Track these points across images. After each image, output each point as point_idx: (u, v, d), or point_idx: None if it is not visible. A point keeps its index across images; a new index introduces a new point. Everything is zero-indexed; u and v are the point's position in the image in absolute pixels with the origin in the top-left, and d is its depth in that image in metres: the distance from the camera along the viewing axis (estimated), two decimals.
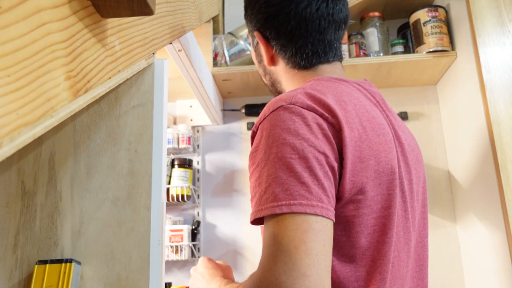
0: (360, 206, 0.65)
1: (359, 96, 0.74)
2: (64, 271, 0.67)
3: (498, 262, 1.23)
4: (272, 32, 0.82)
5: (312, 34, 0.79)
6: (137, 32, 0.66)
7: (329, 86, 0.72)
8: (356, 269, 0.65)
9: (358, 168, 0.65)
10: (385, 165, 0.68)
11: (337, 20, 0.81)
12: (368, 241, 0.66)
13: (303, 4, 0.78)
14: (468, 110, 1.39)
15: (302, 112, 0.64)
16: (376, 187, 0.67)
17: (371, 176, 0.66)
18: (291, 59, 0.82)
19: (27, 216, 0.73)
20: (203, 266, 0.86)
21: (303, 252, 0.54)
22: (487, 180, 1.26)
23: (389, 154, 0.69)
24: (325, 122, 0.64)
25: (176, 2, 0.89)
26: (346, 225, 0.65)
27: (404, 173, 0.74)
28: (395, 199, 0.68)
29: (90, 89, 0.49)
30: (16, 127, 0.34)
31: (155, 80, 0.78)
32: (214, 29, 1.65)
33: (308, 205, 0.57)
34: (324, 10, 0.79)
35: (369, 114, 0.71)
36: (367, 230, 0.66)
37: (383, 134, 0.70)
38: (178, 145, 1.64)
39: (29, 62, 0.36)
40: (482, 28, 1.29)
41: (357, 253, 0.66)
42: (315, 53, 0.81)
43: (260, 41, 0.84)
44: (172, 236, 1.54)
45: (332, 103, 0.66)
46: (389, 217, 0.67)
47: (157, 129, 0.75)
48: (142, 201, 0.72)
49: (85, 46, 0.47)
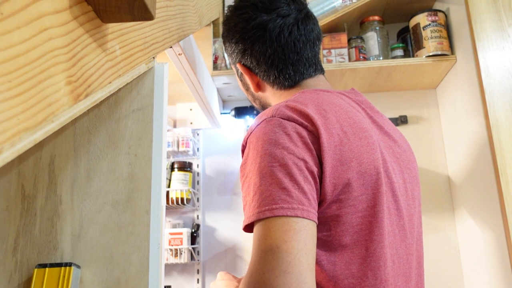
0: (343, 205, 0.68)
1: (341, 103, 0.77)
2: (64, 275, 0.67)
3: (497, 265, 1.23)
4: (253, 62, 0.87)
5: (290, 56, 0.85)
6: (138, 36, 0.66)
7: (311, 97, 0.76)
8: (348, 266, 0.67)
9: (339, 170, 0.68)
10: (367, 166, 0.71)
11: (310, 38, 0.86)
12: (354, 239, 0.68)
13: (275, 32, 0.84)
14: (468, 114, 1.39)
15: (283, 123, 0.68)
16: (360, 187, 0.69)
17: (354, 177, 0.69)
18: (275, 81, 0.87)
19: (27, 219, 0.73)
20: (220, 279, 0.89)
21: (284, 250, 0.57)
22: (487, 184, 1.26)
23: (372, 156, 0.72)
24: (304, 130, 0.68)
25: (177, 6, 0.90)
26: (330, 225, 0.68)
27: (397, 173, 0.77)
28: (381, 198, 0.71)
29: (91, 93, 0.49)
30: (17, 132, 0.35)
31: (155, 84, 0.78)
32: (214, 32, 1.66)
33: (288, 208, 0.60)
34: (296, 33, 0.84)
35: (350, 119, 0.74)
36: (352, 228, 0.68)
37: (365, 137, 0.73)
38: (178, 148, 1.64)
39: (30, 68, 0.37)
40: (481, 32, 1.30)
41: (346, 251, 0.68)
42: (297, 72, 0.86)
43: (244, 72, 0.90)
44: (172, 239, 1.54)
45: (312, 112, 0.70)
46: (376, 215, 0.69)
47: (157, 133, 0.76)
48: (141, 204, 0.72)
49: (86, 51, 0.48)
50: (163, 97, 0.78)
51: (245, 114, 1.67)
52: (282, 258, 0.57)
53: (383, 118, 0.85)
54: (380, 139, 0.78)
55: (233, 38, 0.89)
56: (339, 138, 0.70)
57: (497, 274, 1.23)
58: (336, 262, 0.67)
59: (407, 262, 0.75)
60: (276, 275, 0.56)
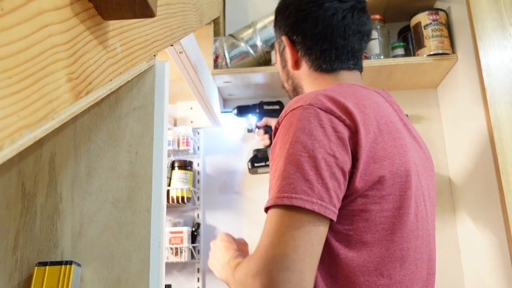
0: (369, 202, 0.68)
1: (379, 101, 0.78)
2: (64, 273, 0.67)
3: (498, 265, 1.23)
4: (300, 36, 0.87)
5: (337, 40, 0.85)
6: (138, 34, 0.66)
7: (349, 90, 0.76)
8: (366, 263, 0.67)
9: (371, 168, 0.67)
10: (399, 167, 0.71)
11: (361, 30, 0.87)
12: (375, 238, 0.68)
13: (330, 11, 0.84)
14: (469, 113, 1.39)
15: (319, 114, 0.67)
16: (389, 187, 0.69)
17: (385, 175, 0.69)
18: (314, 62, 0.87)
19: (27, 217, 0.73)
20: (220, 240, 0.93)
21: (291, 247, 0.59)
22: (488, 183, 1.26)
23: (404, 158, 0.72)
24: (341, 124, 0.67)
25: (177, 4, 0.89)
26: (353, 219, 0.68)
27: (423, 178, 0.77)
28: (408, 201, 0.70)
29: (91, 91, 0.49)
30: (17, 129, 0.34)
31: (156, 82, 0.78)
32: (214, 31, 1.66)
33: (308, 200, 0.61)
34: (349, 20, 0.85)
35: (387, 118, 0.74)
36: (375, 226, 0.68)
37: (399, 138, 0.73)
38: (179, 147, 1.64)
39: (31, 64, 0.36)
40: (482, 31, 1.29)
41: (365, 248, 0.68)
42: (338, 58, 0.86)
43: (287, 45, 0.90)
44: (172, 238, 1.54)
45: (351, 106, 0.69)
46: (400, 217, 0.69)
47: (158, 131, 0.75)
48: (142, 203, 0.72)
49: (86, 48, 0.47)
50: (164, 95, 0.78)
51: (247, 113, 1.65)
52: (288, 254, 0.58)
53: (410, 122, 0.86)
54: (410, 142, 0.78)
55: (286, 10, 0.90)
56: (375, 135, 0.69)
57: (498, 274, 1.23)
58: (354, 258, 0.67)
59: (427, 267, 0.75)
60: (279, 269, 0.58)
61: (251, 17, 1.72)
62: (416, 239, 0.72)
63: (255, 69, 1.53)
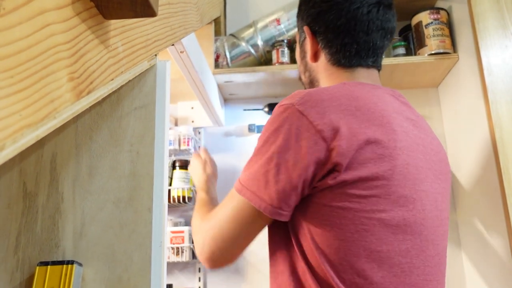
0: (348, 199, 0.70)
1: (387, 98, 0.78)
2: (66, 273, 0.67)
3: (500, 264, 1.23)
4: (322, 27, 0.86)
5: (359, 34, 0.83)
6: (140, 33, 0.66)
7: (346, 91, 0.76)
8: (340, 260, 0.71)
9: (353, 168, 0.69)
10: (385, 169, 0.70)
11: (384, 27, 0.85)
12: (348, 237, 0.71)
13: (355, 4, 0.83)
14: (470, 113, 1.39)
15: (297, 117, 0.71)
16: (371, 188, 0.70)
17: (368, 176, 0.69)
18: (334, 55, 0.86)
19: (28, 217, 0.73)
20: (195, 160, 1.25)
21: (234, 229, 0.74)
22: (489, 182, 1.26)
23: (394, 161, 0.72)
24: (313, 131, 0.69)
25: (178, 4, 0.89)
26: (330, 215, 0.71)
27: (431, 181, 0.77)
28: (391, 203, 0.72)
29: (93, 90, 0.49)
30: (19, 129, 0.34)
31: (157, 81, 0.78)
32: (215, 30, 1.66)
33: (257, 198, 0.71)
34: (374, 15, 0.83)
35: (384, 118, 0.74)
36: (353, 226, 0.71)
37: (396, 145, 0.74)
38: (179, 147, 1.64)
39: (33, 63, 0.36)
40: (484, 30, 1.29)
41: (339, 245, 0.71)
42: (358, 54, 0.84)
43: (308, 36, 0.89)
44: (173, 238, 1.54)
45: (335, 112, 0.71)
46: (376, 220, 0.71)
47: (159, 131, 0.75)
48: (143, 202, 0.72)
49: (88, 47, 0.47)
50: (165, 94, 0.78)
51: None
52: (233, 230, 0.74)
53: (423, 122, 0.84)
54: (414, 141, 0.77)
55: (311, 1, 0.88)
56: (360, 141, 0.69)
57: (500, 272, 1.23)
58: (331, 254, 0.70)
59: (424, 273, 0.73)
60: (216, 241, 0.75)
61: (252, 17, 1.72)
62: (401, 243, 0.70)
63: (256, 68, 1.53)
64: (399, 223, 0.70)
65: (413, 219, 0.72)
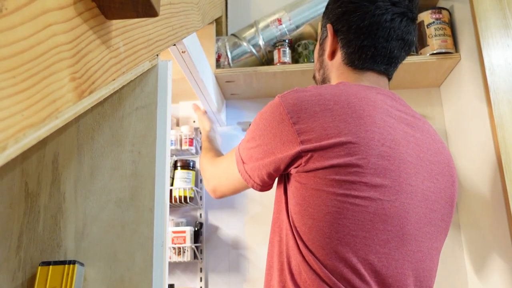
0: (323, 183, 0.76)
1: (378, 96, 0.81)
2: (68, 273, 0.67)
3: (502, 264, 1.23)
4: (345, 26, 0.89)
5: (379, 39, 0.86)
6: (141, 33, 0.66)
7: (338, 88, 0.80)
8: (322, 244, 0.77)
9: (323, 155, 0.74)
10: (346, 158, 0.76)
11: (404, 38, 0.87)
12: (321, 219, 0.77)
13: (381, 10, 0.85)
14: (472, 113, 1.38)
15: (279, 108, 0.78)
16: (342, 174, 0.76)
17: (339, 164, 0.74)
18: (349, 55, 0.88)
19: (30, 217, 0.73)
20: (202, 115, 1.58)
21: (226, 180, 0.98)
22: (491, 182, 1.26)
23: (371, 150, 0.76)
24: (289, 123, 0.76)
25: (180, 4, 0.89)
26: (305, 195, 0.77)
27: (426, 179, 0.80)
28: (364, 190, 0.77)
29: (95, 90, 0.49)
30: (21, 129, 0.34)
31: (159, 81, 0.78)
32: (217, 30, 1.65)
33: (240, 164, 0.87)
34: (396, 24, 0.86)
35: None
36: (325, 207, 0.76)
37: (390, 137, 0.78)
38: (181, 147, 1.64)
39: (35, 64, 0.36)
40: (486, 30, 1.29)
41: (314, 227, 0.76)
42: (372, 58, 0.87)
43: (330, 33, 0.91)
44: (175, 238, 1.54)
45: (310, 110, 0.76)
46: (351, 205, 0.76)
47: (161, 131, 0.75)
48: (145, 202, 0.72)
49: (90, 47, 0.47)
50: (167, 94, 0.78)
51: None
52: (226, 180, 0.98)
53: (420, 121, 0.86)
54: (403, 137, 0.78)
55: (339, 0, 0.91)
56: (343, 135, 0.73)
57: (502, 272, 1.23)
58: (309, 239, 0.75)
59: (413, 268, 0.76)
60: (215, 179, 1.04)
61: (254, 17, 1.72)
62: (381, 232, 0.72)
63: (258, 68, 1.53)
64: (378, 211, 0.72)
65: (394, 211, 0.73)
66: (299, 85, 1.65)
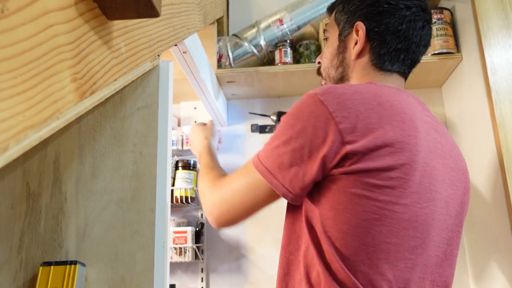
0: (365, 188, 0.72)
1: (410, 100, 0.80)
2: (69, 273, 0.67)
3: (504, 266, 1.22)
4: (381, 26, 0.85)
5: (412, 44, 0.86)
6: (143, 34, 0.66)
7: (373, 89, 0.78)
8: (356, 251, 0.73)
9: (369, 159, 0.70)
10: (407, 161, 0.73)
11: (427, 44, 0.89)
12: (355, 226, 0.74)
13: (415, 16, 0.86)
14: (474, 113, 1.38)
15: (319, 106, 0.72)
16: (392, 179, 0.72)
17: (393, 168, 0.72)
18: (380, 57, 0.86)
19: (32, 217, 0.73)
20: (198, 126, 1.34)
21: (242, 200, 0.80)
22: (493, 183, 1.25)
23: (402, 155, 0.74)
24: (332, 122, 0.70)
25: (181, 4, 0.89)
26: (342, 200, 0.72)
27: (447, 186, 0.79)
28: (407, 197, 0.74)
29: (96, 91, 0.49)
30: (22, 129, 0.34)
31: (160, 82, 0.78)
32: (218, 31, 1.66)
33: (273, 178, 0.74)
34: (425, 31, 0.87)
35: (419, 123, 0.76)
36: (364, 214, 0.72)
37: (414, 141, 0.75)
38: (182, 147, 1.64)
39: (36, 64, 0.36)
40: (487, 30, 1.29)
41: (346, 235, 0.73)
42: (402, 61, 0.86)
43: (361, 32, 0.87)
44: (176, 238, 1.54)
45: (357, 106, 0.72)
46: (388, 211, 0.73)
47: (162, 131, 0.75)
48: (146, 203, 0.72)
49: (91, 48, 0.47)
50: (168, 95, 0.78)
51: None
52: (244, 201, 0.79)
53: (442, 129, 0.85)
54: (433, 144, 0.78)
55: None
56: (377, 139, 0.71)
57: (504, 272, 1.22)
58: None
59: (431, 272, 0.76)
60: (222, 205, 0.82)
61: (255, 17, 1.72)
62: (411, 239, 0.71)
63: (259, 69, 1.53)
64: (411, 218, 0.71)
65: (424, 218, 0.72)
66: (300, 86, 1.65)
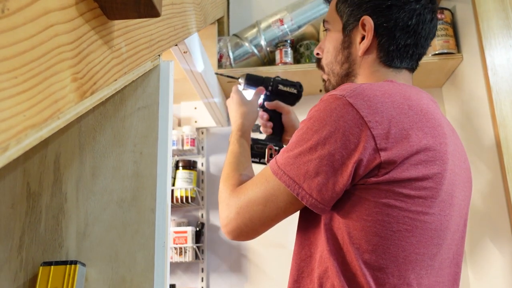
0: (394, 197, 0.68)
1: (430, 102, 0.77)
2: (69, 273, 0.67)
3: (504, 263, 1.22)
4: (391, 22, 0.81)
5: (421, 39, 0.82)
6: (143, 34, 0.66)
7: (396, 89, 0.73)
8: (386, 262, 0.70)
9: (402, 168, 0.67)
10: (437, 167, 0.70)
11: (432, 37, 0.85)
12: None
13: (424, 9, 0.82)
14: (474, 113, 1.38)
15: (350, 112, 0.67)
16: (427, 189, 0.70)
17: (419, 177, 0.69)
18: (389, 53, 0.82)
19: (32, 217, 0.73)
20: (235, 95, 1.07)
21: (260, 211, 0.73)
22: (493, 183, 1.25)
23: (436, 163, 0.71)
24: (363, 125, 0.66)
25: (182, 4, 0.89)
26: (373, 210, 0.68)
27: (461, 189, 0.77)
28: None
29: (97, 91, 0.49)
30: (23, 129, 0.34)
31: (161, 82, 0.78)
32: (219, 31, 1.66)
33: (296, 187, 0.69)
34: (434, 23, 0.84)
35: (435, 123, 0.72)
36: (396, 225, 0.69)
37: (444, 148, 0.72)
38: (183, 147, 1.64)
39: (36, 64, 0.36)
40: (488, 30, 1.29)
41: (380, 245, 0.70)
42: (411, 56, 0.83)
43: (369, 27, 0.82)
44: (176, 238, 1.54)
45: (387, 108, 0.68)
46: (422, 221, 0.71)
47: (162, 131, 0.75)
48: (147, 203, 0.72)
49: (91, 48, 0.47)
50: (169, 95, 0.78)
51: (256, 87, 1.14)
52: (262, 212, 0.73)
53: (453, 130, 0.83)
54: (455, 148, 0.76)
55: None
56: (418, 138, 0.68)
57: (503, 274, 1.22)
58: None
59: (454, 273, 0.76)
60: (241, 216, 0.75)
61: (255, 17, 1.72)
62: (435, 247, 0.70)
63: (259, 69, 1.53)
64: (437, 227, 0.69)
65: (446, 225, 0.71)
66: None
